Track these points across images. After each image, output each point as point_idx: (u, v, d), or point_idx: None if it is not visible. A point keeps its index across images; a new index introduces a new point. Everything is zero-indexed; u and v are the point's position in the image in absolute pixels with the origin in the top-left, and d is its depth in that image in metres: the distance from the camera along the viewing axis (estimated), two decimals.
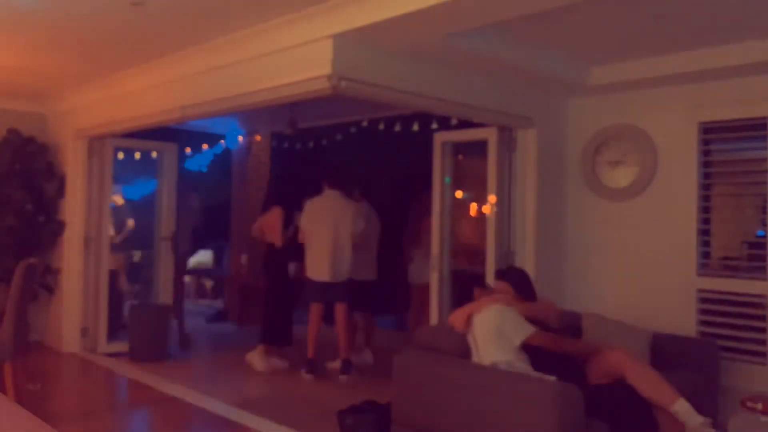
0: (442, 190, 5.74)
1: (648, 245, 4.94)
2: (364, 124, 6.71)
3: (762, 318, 4.46)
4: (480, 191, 5.59)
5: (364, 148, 7.09)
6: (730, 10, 3.66)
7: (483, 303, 3.82)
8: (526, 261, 5.11)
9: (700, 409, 3.63)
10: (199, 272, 10.03)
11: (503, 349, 3.58)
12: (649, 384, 3.50)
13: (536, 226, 5.17)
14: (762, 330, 4.46)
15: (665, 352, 4.25)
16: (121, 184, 7.36)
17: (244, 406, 4.75)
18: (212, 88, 4.83)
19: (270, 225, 6.16)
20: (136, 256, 7.72)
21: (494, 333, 3.61)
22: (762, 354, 4.44)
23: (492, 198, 5.20)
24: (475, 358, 3.68)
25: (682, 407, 3.46)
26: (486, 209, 5.31)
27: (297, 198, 6.15)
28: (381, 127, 6.53)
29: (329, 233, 5.72)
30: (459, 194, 5.89)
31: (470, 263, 5.83)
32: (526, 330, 3.62)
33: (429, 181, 5.72)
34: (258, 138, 8.33)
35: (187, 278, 8.54)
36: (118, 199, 7.21)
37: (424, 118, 5.86)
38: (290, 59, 4.15)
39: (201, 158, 8.14)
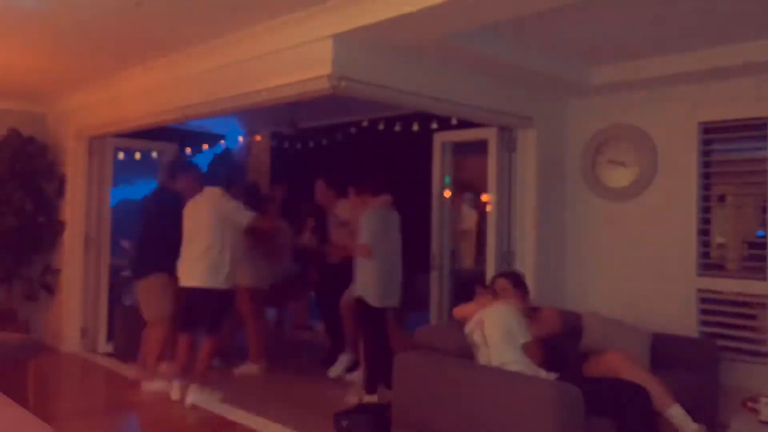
0: (442, 190, 5.74)
1: (648, 245, 4.94)
2: (364, 124, 6.71)
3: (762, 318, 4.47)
4: (480, 191, 5.60)
5: (364, 148, 7.09)
6: (730, 10, 3.66)
7: (491, 302, 3.84)
8: (526, 261, 5.11)
9: (699, 410, 3.64)
10: None
11: (512, 349, 3.59)
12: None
13: (536, 225, 5.17)
14: (762, 330, 4.46)
15: (665, 352, 4.25)
16: (121, 184, 7.33)
17: (244, 406, 4.75)
18: (212, 88, 4.83)
19: None
20: None
21: (504, 332, 3.63)
22: (762, 354, 4.45)
23: (491, 197, 5.21)
24: (483, 357, 3.68)
25: (676, 412, 3.47)
26: (486, 208, 5.31)
27: (297, 198, 6.14)
28: (381, 127, 6.52)
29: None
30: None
31: None
32: (526, 336, 3.66)
33: (428, 181, 5.72)
34: (258, 138, 8.33)
35: None
36: None
37: (424, 118, 5.86)
38: (290, 59, 4.15)
39: (201, 158, 8.13)
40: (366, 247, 4.86)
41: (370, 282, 4.88)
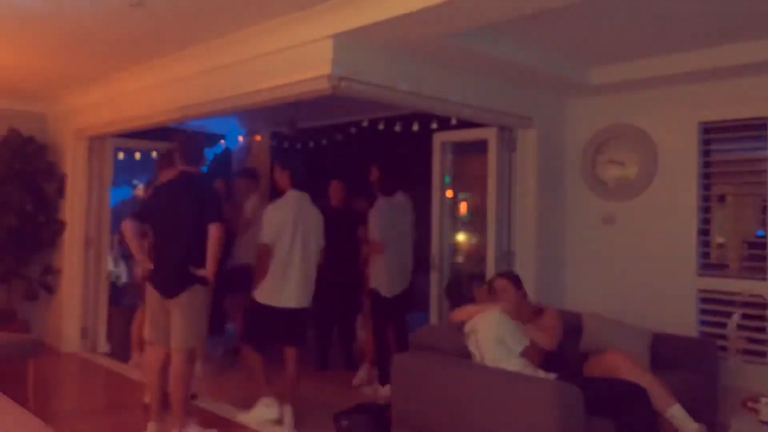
0: (442, 190, 5.74)
1: (648, 245, 4.94)
2: (364, 124, 6.71)
3: (762, 318, 4.46)
4: (480, 191, 5.59)
5: (365, 148, 7.09)
6: (731, 10, 3.66)
7: (486, 306, 3.83)
8: (526, 261, 5.11)
9: (699, 410, 3.64)
10: None
11: (508, 357, 3.58)
12: (645, 387, 3.49)
13: (536, 225, 5.17)
14: (762, 330, 4.46)
15: (665, 352, 4.25)
16: (121, 184, 7.34)
17: (244, 406, 4.75)
18: (212, 88, 4.83)
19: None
20: None
21: (496, 340, 3.62)
22: (762, 354, 4.44)
23: (491, 197, 5.21)
24: (478, 362, 3.68)
25: (677, 412, 3.47)
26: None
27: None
28: (381, 127, 6.52)
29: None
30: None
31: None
32: (523, 342, 3.64)
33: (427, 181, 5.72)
34: (258, 138, 8.33)
35: None
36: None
37: (424, 118, 5.85)
38: (290, 59, 4.15)
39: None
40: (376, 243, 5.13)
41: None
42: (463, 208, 6.05)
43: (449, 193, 5.83)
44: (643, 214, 4.98)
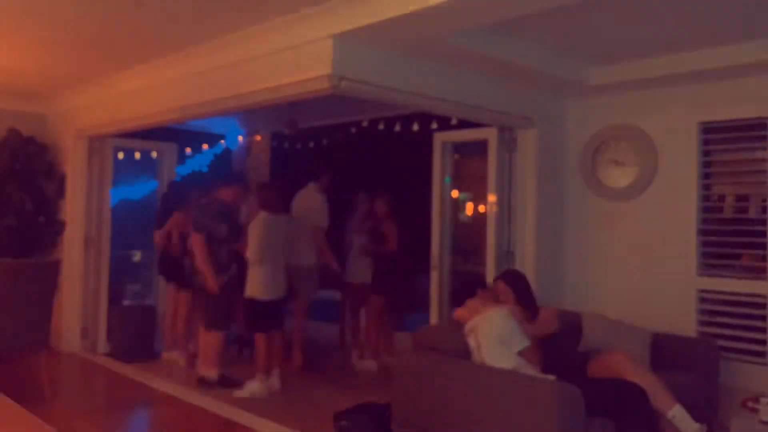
0: (442, 190, 5.74)
1: (648, 245, 4.94)
2: (364, 124, 6.72)
3: (762, 318, 4.46)
4: (480, 191, 5.59)
5: (364, 148, 7.10)
6: (730, 10, 3.66)
7: (490, 305, 3.82)
8: (526, 261, 5.11)
9: (699, 410, 3.64)
10: None
11: (506, 356, 3.57)
12: (647, 388, 3.49)
13: (536, 226, 5.16)
14: (762, 330, 4.46)
15: (665, 352, 4.25)
16: (121, 184, 7.33)
17: (243, 406, 4.75)
18: (212, 88, 4.83)
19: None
20: (137, 256, 7.72)
21: (497, 338, 3.61)
22: (762, 354, 4.45)
23: (491, 197, 5.20)
24: (476, 359, 3.68)
25: (678, 413, 3.47)
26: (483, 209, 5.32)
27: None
28: (381, 127, 6.53)
29: None
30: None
31: None
32: (524, 342, 3.62)
33: (428, 181, 5.72)
34: (258, 138, 8.33)
35: None
36: None
37: (424, 118, 5.85)
38: (290, 59, 4.15)
39: (201, 158, 8.14)
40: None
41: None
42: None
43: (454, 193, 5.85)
44: (643, 214, 4.98)
